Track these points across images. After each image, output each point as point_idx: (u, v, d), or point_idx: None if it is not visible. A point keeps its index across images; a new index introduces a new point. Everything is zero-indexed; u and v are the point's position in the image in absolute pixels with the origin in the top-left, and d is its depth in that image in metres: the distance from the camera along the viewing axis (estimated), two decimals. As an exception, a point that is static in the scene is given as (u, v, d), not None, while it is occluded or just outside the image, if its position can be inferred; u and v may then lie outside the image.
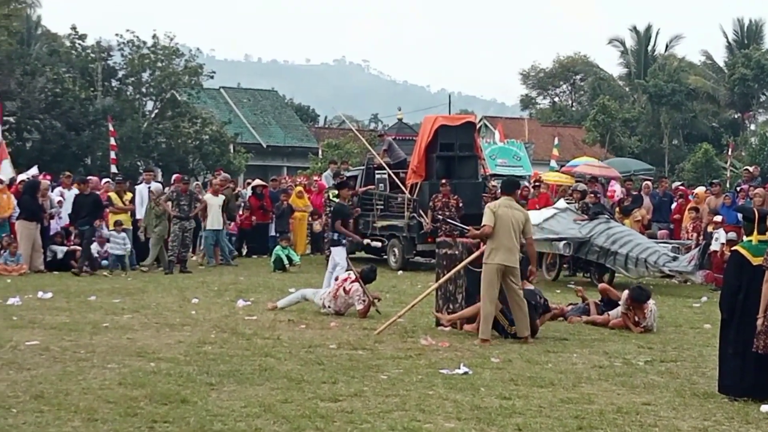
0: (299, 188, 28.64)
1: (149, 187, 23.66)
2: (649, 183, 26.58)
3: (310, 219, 27.68)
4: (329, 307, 15.46)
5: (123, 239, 22.21)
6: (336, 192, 23.61)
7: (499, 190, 13.91)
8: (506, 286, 13.10)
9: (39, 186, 22.50)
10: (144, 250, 23.28)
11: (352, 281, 15.45)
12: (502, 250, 12.92)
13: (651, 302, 14.44)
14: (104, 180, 26.77)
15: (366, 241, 23.35)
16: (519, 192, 16.39)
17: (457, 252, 14.22)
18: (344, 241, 17.59)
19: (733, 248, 10.44)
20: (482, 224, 13.07)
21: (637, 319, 14.32)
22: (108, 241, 22.18)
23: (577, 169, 30.65)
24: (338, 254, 17.41)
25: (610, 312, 14.92)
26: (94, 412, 8.66)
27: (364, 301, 15.24)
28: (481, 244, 13.45)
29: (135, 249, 23.09)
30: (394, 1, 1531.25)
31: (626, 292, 14.54)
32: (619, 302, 14.73)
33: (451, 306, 14.27)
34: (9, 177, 24.40)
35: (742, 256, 9.84)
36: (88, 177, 27.44)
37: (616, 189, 26.39)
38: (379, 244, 24.57)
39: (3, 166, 25.29)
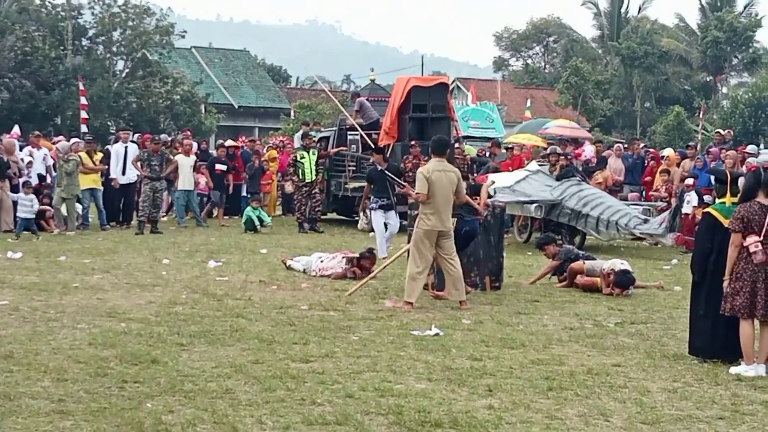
0: (273, 152, 28.52)
1: (126, 147, 23.46)
2: (620, 145, 26.56)
3: (281, 180, 27.48)
4: (321, 260, 15.60)
5: (31, 201, 21.70)
6: (302, 153, 23.54)
7: (430, 151, 13.60)
8: (439, 250, 12.84)
9: None
10: (113, 210, 23.34)
11: (352, 256, 15.67)
12: (437, 215, 12.66)
13: (632, 288, 14.37)
14: (73, 140, 26.48)
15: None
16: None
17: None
18: (375, 206, 17.71)
19: (705, 210, 10.46)
20: (416, 191, 12.79)
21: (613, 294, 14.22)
22: (16, 204, 21.77)
23: (549, 131, 30.63)
24: (374, 219, 17.83)
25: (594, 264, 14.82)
26: (64, 372, 8.62)
27: (342, 267, 15.32)
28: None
29: (106, 209, 22.95)
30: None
31: (612, 270, 14.29)
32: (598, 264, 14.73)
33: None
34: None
35: (714, 218, 9.85)
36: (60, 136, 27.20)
37: (586, 150, 26.24)
38: None
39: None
